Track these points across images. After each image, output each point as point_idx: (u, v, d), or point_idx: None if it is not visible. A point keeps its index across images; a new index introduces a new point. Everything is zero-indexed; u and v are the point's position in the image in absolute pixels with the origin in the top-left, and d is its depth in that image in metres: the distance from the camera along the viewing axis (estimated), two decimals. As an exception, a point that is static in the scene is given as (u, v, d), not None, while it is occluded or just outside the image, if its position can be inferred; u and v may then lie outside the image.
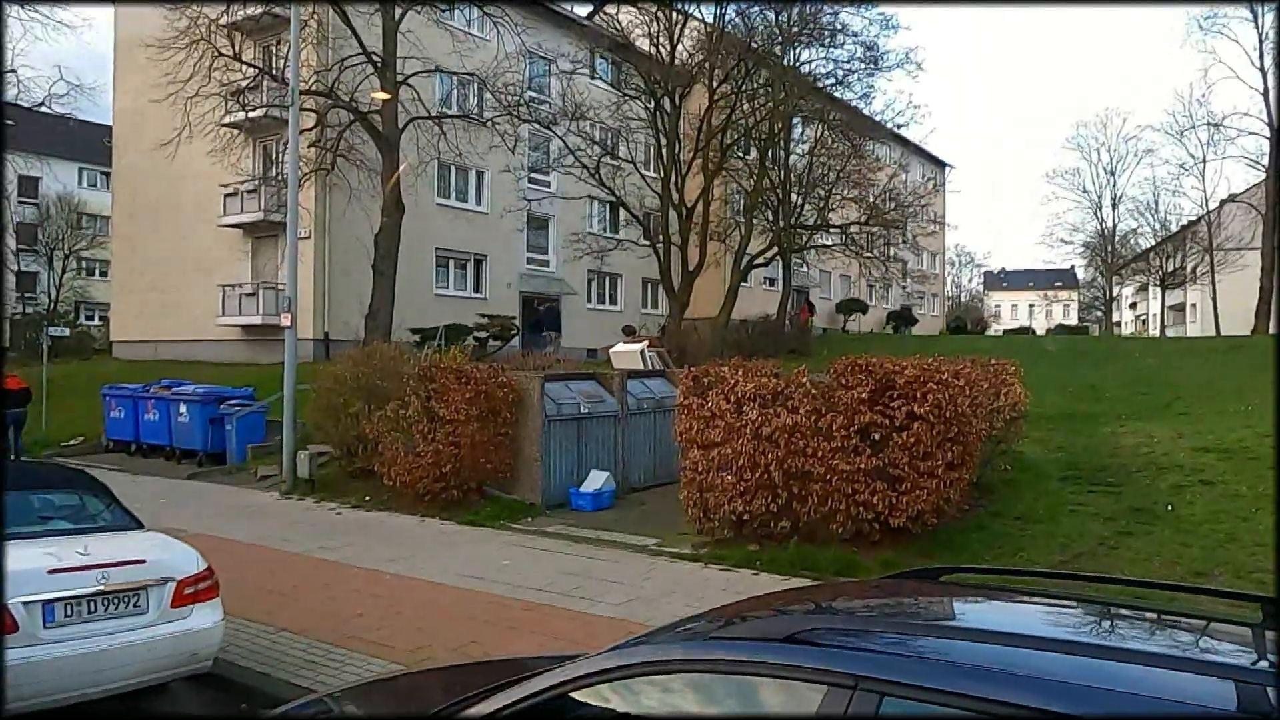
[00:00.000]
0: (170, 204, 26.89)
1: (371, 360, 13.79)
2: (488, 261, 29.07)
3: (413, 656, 6.33)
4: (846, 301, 44.24)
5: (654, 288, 33.23)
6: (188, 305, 26.35)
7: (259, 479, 14.45)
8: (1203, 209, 50.50)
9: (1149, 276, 60.10)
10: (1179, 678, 1.84)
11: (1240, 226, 45.47)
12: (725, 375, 9.37)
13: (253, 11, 23.01)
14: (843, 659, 2.07)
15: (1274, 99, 39.17)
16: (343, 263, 24.08)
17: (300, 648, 6.62)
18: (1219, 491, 9.98)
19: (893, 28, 48.47)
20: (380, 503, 12.28)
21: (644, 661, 2.35)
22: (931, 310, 55.64)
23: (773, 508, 8.87)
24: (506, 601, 7.81)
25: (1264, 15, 39.91)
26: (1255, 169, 43.06)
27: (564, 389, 12.46)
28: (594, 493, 11.61)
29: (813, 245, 31.84)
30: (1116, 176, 58.78)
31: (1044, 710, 1.76)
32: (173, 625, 5.47)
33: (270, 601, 7.70)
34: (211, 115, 21.74)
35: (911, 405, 8.51)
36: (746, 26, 26.59)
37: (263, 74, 23.08)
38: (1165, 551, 8.38)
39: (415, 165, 22.97)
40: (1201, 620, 2.54)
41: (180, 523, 10.02)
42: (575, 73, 26.32)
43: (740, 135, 27.82)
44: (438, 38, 24.12)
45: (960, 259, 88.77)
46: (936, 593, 2.82)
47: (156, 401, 16.98)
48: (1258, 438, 11.93)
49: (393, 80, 20.39)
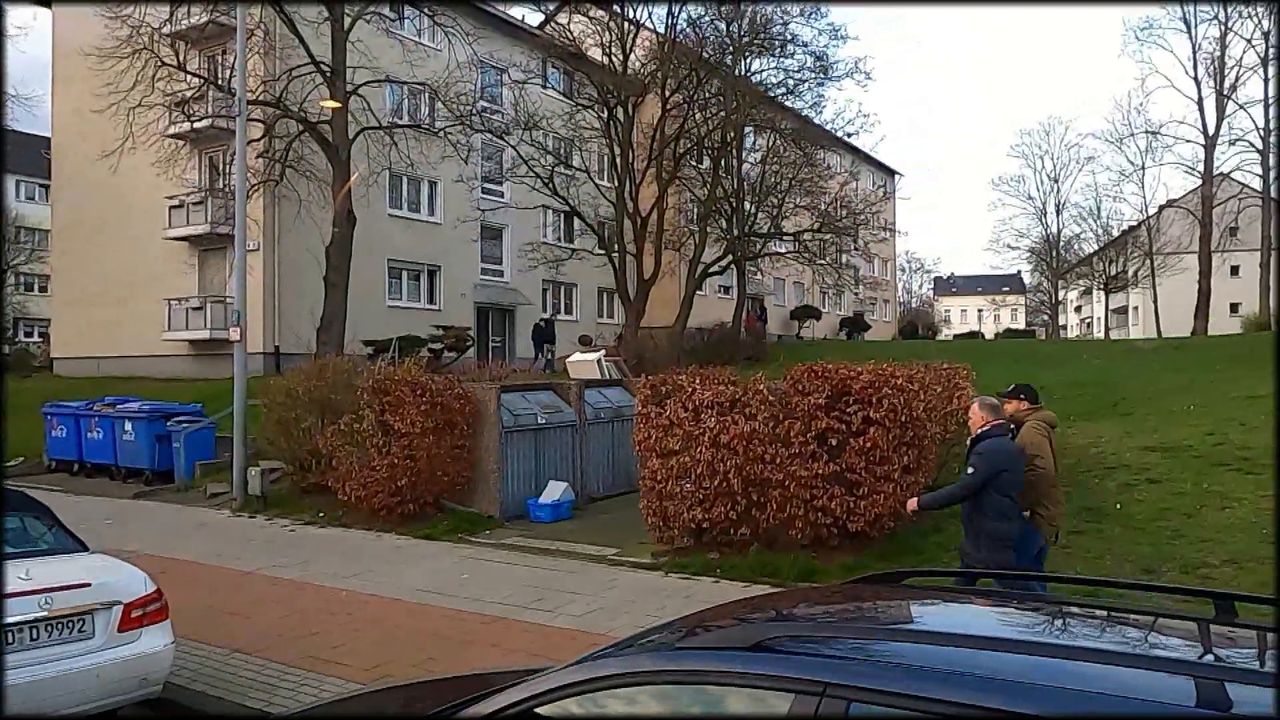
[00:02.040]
0: (113, 217, 26.25)
1: (324, 373, 13.57)
2: (441, 272, 28.84)
3: (371, 675, 6.22)
4: (801, 308, 44.66)
5: (610, 297, 33.23)
6: (132, 320, 25.71)
7: (209, 497, 14.13)
8: (1143, 214, 51.99)
9: (1093, 280, 61.65)
10: (1138, 675, 1.86)
11: (1179, 231, 46.88)
12: (683, 383, 9.39)
13: (197, 21, 22.63)
14: (809, 666, 2.07)
15: (1277, 109, 40.31)
16: (293, 275, 23.70)
17: (254, 669, 6.48)
18: (1165, 489, 10.23)
19: (842, 38, 49.16)
20: (335, 518, 12.08)
21: (610, 674, 2.33)
22: (884, 316, 56.42)
23: (732, 515, 8.90)
24: (466, 616, 7.72)
25: (1197, 28, 41.26)
26: (1192, 175, 44.39)
27: (521, 400, 12.38)
28: (553, 504, 11.54)
29: (766, 253, 32.11)
30: (1060, 183, 60.50)
31: (1009, 711, 1.77)
32: (121, 650, 5.31)
33: (223, 622, 7.52)
34: (155, 126, 21.30)
35: (867, 410, 8.60)
36: (698, 36, 26.77)
37: (208, 84, 22.66)
38: (1116, 549, 8.56)
39: (366, 176, 22.71)
40: (1155, 617, 2.59)
41: (127, 544, 9.77)
42: (527, 82, 26.26)
43: (693, 144, 27.97)
44: (388, 47, 23.92)
45: (911, 265, 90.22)
46: (899, 596, 2.84)
47: (100, 419, 16.51)
48: (1200, 436, 12.27)
49: (342, 90, 20.16)
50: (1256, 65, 40.44)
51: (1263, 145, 40.77)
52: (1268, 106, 40.59)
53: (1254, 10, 39.12)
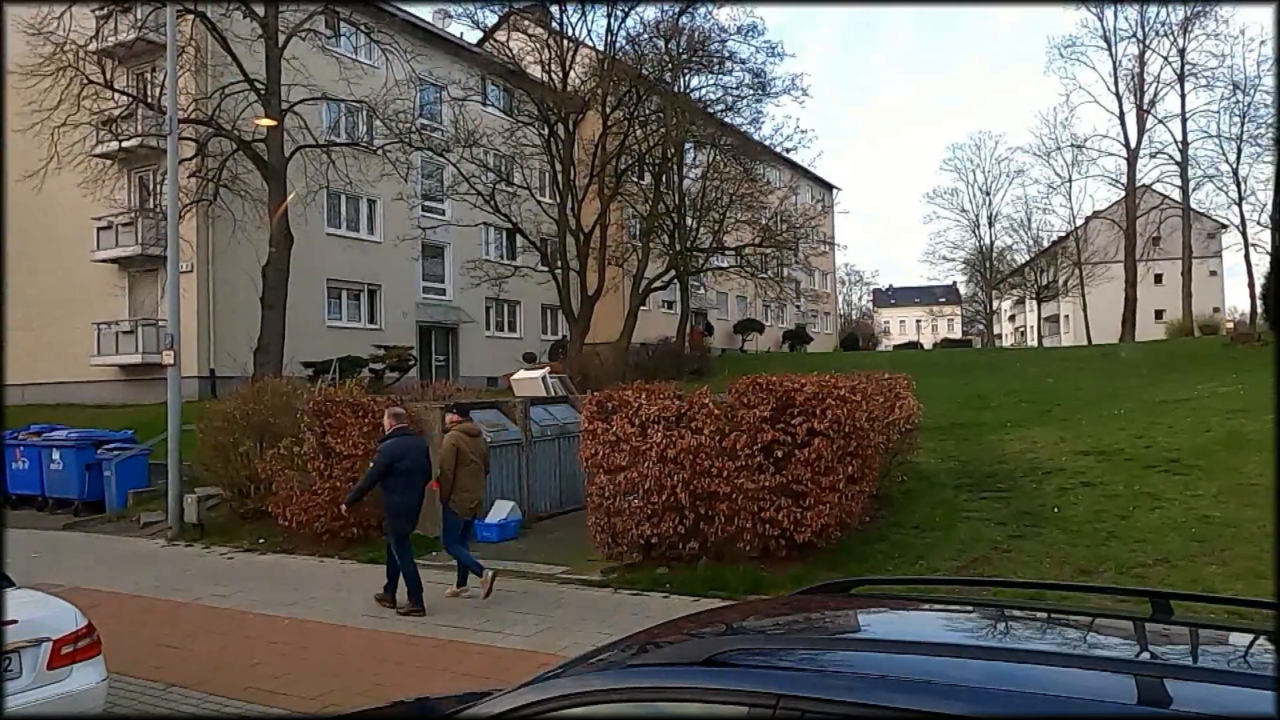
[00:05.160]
0: (38, 238, 25.35)
1: (262, 396, 13.27)
2: (382, 291, 28.45)
3: (315, 704, 6.07)
4: (744, 322, 45.05)
5: (554, 313, 33.13)
6: (60, 345, 24.85)
7: (143, 526, 13.68)
8: (1071, 225, 53.68)
9: (1025, 290, 63.46)
10: (1084, 675, 1.90)
11: (1105, 241, 48.48)
12: (629, 399, 9.38)
13: (125, 38, 22.08)
14: (762, 678, 2.07)
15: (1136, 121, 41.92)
16: (228, 296, 23.17)
17: (193, 703, 6.27)
18: (1099, 492, 10.52)
19: (779, 55, 49.86)
20: (276, 544, 11.79)
21: (562, 695, 2.30)
22: (825, 328, 57.20)
23: (680, 529, 8.90)
24: (414, 639, 7.59)
25: (1117, 45, 42.84)
26: (1116, 187, 45.97)
27: (466, 419, 12.23)
28: (500, 523, 11.42)
29: (709, 267, 32.39)
30: (991, 196, 61.97)
31: (961, 716, 1.79)
32: (50, 688, 5.09)
33: (160, 656, 7.27)
34: (82, 145, 20.69)
35: (812, 421, 8.70)
36: (637, 54, 26.98)
37: (137, 102, 22.12)
38: (1054, 552, 8.77)
39: (304, 194, 22.35)
40: (1094, 617, 2.65)
41: (56, 577, 9.41)
42: (467, 99, 26.14)
43: (634, 160, 28.15)
44: (324, 65, 23.61)
45: (850, 278, 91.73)
46: (848, 606, 2.86)
47: (26, 449, 15.91)
48: (1131, 439, 12.66)
49: (277, 108, 19.83)
50: (1174, 81, 42.16)
51: (1181, 158, 42.43)
52: (1184, 120, 42.32)
53: (1169, 26, 40.78)
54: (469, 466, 8.90)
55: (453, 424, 9.30)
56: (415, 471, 8.59)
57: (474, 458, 9.01)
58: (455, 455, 8.79)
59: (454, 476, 8.76)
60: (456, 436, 8.95)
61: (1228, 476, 10.38)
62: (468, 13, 28.58)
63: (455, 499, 8.80)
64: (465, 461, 8.85)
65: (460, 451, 8.84)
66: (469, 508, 8.98)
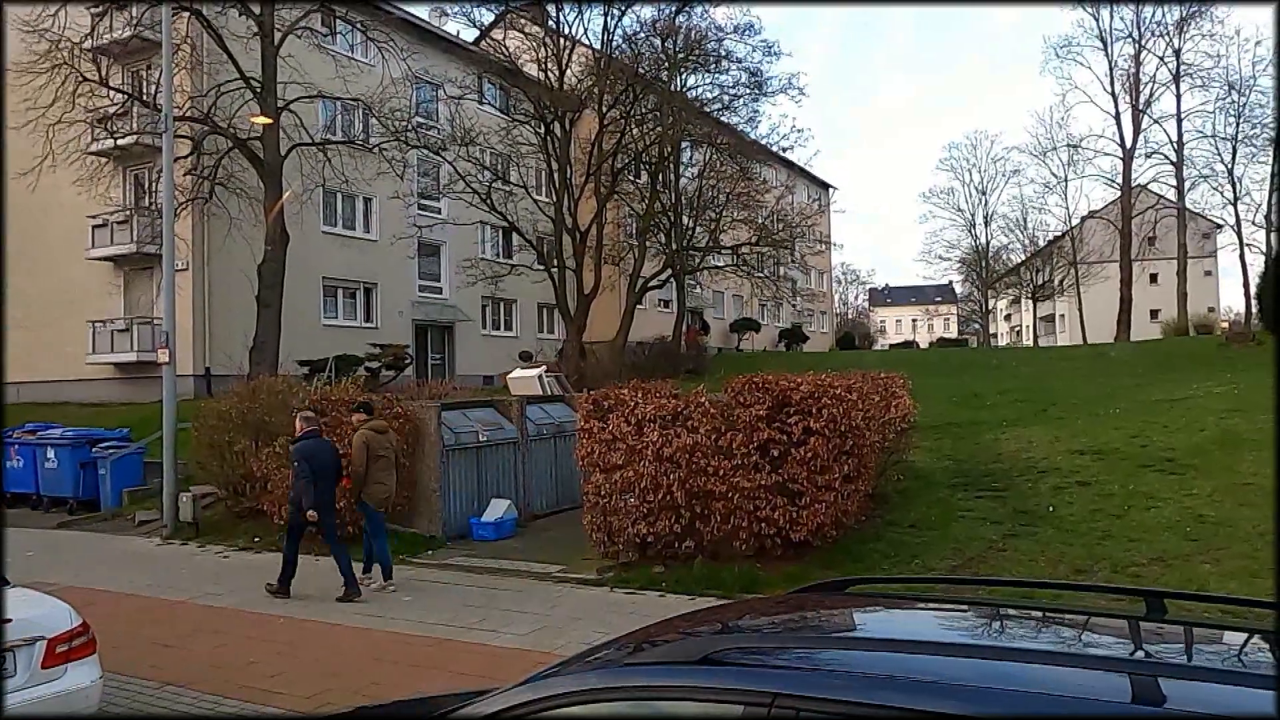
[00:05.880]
0: (32, 237, 25.25)
1: (258, 395, 13.25)
2: (378, 290, 28.40)
3: (311, 703, 6.07)
4: (740, 321, 45.04)
5: (550, 312, 33.11)
6: (55, 343, 24.77)
7: (137, 525, 13.66)
8: (1066, 225, 53.69)
9: (1021, 290, 63.45)
10: (1077, 673, 1.90)
11: (1100, 241, 48.47)
12: (625, 398, 9.39)
13: (120, 36, 22.01)
14: (757, 677, 2.07)
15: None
16: (224, 294, 23.11)
17: (187, 701, 6.26)
18: (1094, 491, 10.54)
19: (775, 54, 49.87)
20: (271, 543, 11.74)
21: (558, 694, 2.30)
22: (821, 327, 57.19)
23: (676, 528, 8.91)
24: (409, 638, 7.58)
25: (1113, 45, 42.90)
26: (1111, 187, 46.01)
27: (461, 418, 12.24)
28: (496, 522, 11.42)
29: (705, 266, 32.38)
30: (987, 195, 61.93)
31: (957, 715, 1.80)
32: (45, 687, 5.07)
33: (155, 655, 7.26)
34: (77, 143, 20.63)
35: (808, 421, 8.70)
36: (634, 53, 26.97)
37: (132, 99, 22.05)
38: (1049, 551, 8.78)
39: (299, 193, 22.30)
40: (1089, 616, 2.66)
41: (51, 576, 9.40)
42: (463, 98, 26.10)
43: (631, 159, 28.12)
44: (320, 63, 23.55)
45: (846, 277, 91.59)
46: (844, 605, 2.87)
47: (21, 447, 15.87)
48: (1126, 439, 12.68)
49: (273, 106, 19.78)
50: (1169, 81, 42.19)
51: (1176, 158, 42.49)
52: (1180, 120, 42.38)
53: (1165, 27, 40.83)
54: (380, 460, 9.41)
55: (360, 423, 9.69)
56: (326, 469, 9.16)
57: (383, 452, 9.50)
58: (366, 451, 9.24)
59: (366, 472, 9.26)
60: (366, 434, 9.38)
61: (1223, 476, 10.41)
62: (464, 11, 28.67)
63: (369, 492, 9.33)
64: (376, 456, 9.34)
65: (371, 448, 9.29)
66: (382, 499, 9.50)
